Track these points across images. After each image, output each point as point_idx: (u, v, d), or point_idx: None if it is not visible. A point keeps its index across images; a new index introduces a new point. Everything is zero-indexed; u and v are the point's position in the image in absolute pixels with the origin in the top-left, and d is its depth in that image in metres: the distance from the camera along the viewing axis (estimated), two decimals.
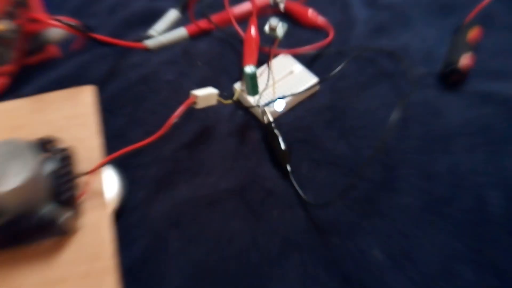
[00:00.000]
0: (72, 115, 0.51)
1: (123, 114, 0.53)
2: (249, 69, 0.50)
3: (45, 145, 0.44)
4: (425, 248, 0.44)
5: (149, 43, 0.58)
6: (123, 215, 0.46)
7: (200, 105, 0.50)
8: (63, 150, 0.45)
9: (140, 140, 0.47)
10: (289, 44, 0.58)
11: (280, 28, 0.50)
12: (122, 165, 0.49)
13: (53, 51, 0.59)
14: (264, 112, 0.51)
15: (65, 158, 0.45)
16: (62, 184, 0.44)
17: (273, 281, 0.42)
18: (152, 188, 0.48)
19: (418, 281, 0.43)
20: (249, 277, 0.43)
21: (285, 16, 0.62)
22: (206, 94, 0.49)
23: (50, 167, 0.43)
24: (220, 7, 0.62)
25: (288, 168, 0.48)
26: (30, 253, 0.42)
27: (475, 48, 0.57)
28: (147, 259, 0.44)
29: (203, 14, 0.61)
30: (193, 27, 0.60)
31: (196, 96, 0.49)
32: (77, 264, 0.42)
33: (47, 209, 0.42)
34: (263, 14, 0.61)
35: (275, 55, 0.56)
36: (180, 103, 0.50)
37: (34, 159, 0.41)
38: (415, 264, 0.43)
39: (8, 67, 0.57)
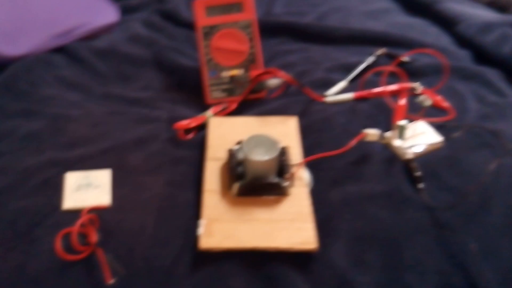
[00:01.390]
0: (284, 133, 0.81)
1: (311, 139, 0.82)
2: (403, 122, 0.79)
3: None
4: (505, 250, 0.69)
5: (328, 99, 0.89)
6: (313, 196, 0.74)
7: (367, 139, 0.79)
8: (284, 147, 0.75)
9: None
10: (423, 114, 0.87)
11: (428, 102, 0.80)
12: (311, 168, 0.77)
13: (263, 94, 0.91)
14: (406, 152, 0.80)
15: (284, 153, 0.75)
16: (283, 166, 0.73)
17: (406, 249, 0.68)
18: (330, 184, 0.76)
19: (498, 269, 0.67)
20: (392, 244, 0.69)
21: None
22: (371, 133, 0.79)
23: (279, 154, 0.72)
24: (376, 84, 0.93)
25: (421, 186, 0.75)
26: (262, 202, 0.70)
27: None
28: (327, 221, 0.70)
29: (365, 87, 0.92)
30: (358, 93, 0.90)
31: (366, 133, 0.79)
32: (288, 214, 0.69)
33: (274, 178, 0.71)
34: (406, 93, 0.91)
35: (414, 119, 0.86)
36: (348, 138, 0.80)
37: (275, 148, 0.71)
38: (497, 259, 0.67)
39: (237, 98, 0.89)
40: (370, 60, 0.99)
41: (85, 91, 0.93)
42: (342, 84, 0.93)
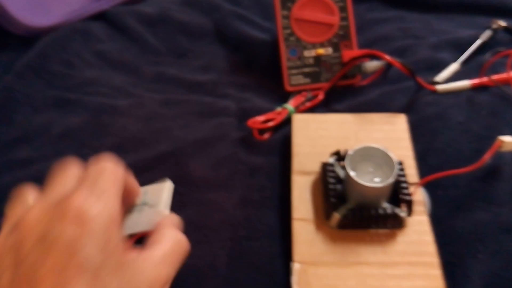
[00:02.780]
0: (390, 136, 0.62)
1: (422, 142, 0.63)
2: None
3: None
4: None
5: (440, 87, 0.69)
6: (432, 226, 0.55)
7: (504, 149, 0.60)
8: (400, 163, 0.57)
9: (439, 166, 0.58)
10: None
11: None
12: (426, 185, 0.59)
13: (357, 79, 0.72)
14: None
15: (401, 170, 0.56)
16: (398, 188, 0.55)
17: None
18: (452, 208, 0.58)
19: None
20: None
21: None
22: (509, 141, 0.60)
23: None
24: (497, 67, 0.73)
25: None
26: (371, 237, 0.53)
27: None
28: (455, 261, 0.53)
29: (485, 72, 0.72)
30: (476, 81, 0.70)
31: (502, 141, 0.59)
32: (406, 255, 0.52)
33: (387, 205, 0.53)
34: None
35: None
36: (469, 141, 0.61)
37: (389, 165, 0.53)
38: None
39: (324, 85, 0.70)
40: (485, 35, 0.78)
41: (132, 72, 0.75)
42: (454, 67, 0.73)
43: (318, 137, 0.62)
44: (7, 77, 0.72)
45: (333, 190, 0.55)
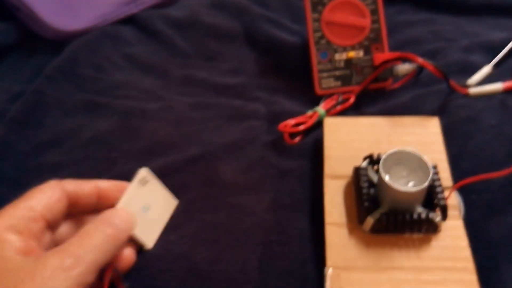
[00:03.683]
0: (423, 140, 0.61)
1: (455, 146, 0.62)
2: None
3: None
4: None
5: (472, 90, 0.68)
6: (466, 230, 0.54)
7: None
8: (435, 167, 0.56)
9: (471, 170, 0.58)
10: None
11: None
12: (459, 189, 0.58)
13: (388, 83, 0.71)
14: None
15: (435, 174, 0.55)
16: (432, 193, 0.54)
17: None
18: (486, 212, 0.57)
19: None
20: None
21: None
22: None
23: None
24: None
25: None
26: (405, 242, 0.52)
27: None
28: (489, 267, 0.52)
29: None
30: (509, 84, 0.69)
31: None
32: (440, 260, 0.51)
33: (422, 209, 0.52)
34: None
35: None
36: (502, 145, 0.60)
37: (423, 169, 0.52)
38: None
39: (355, 88, 0.70)
40: None
41: (162, 75, 0.75)
42: (486, 70, 0.72)
43: (350, 140, 0.62)
44: (38, 80, 0.72)
45: (367, 195, 0.54)
